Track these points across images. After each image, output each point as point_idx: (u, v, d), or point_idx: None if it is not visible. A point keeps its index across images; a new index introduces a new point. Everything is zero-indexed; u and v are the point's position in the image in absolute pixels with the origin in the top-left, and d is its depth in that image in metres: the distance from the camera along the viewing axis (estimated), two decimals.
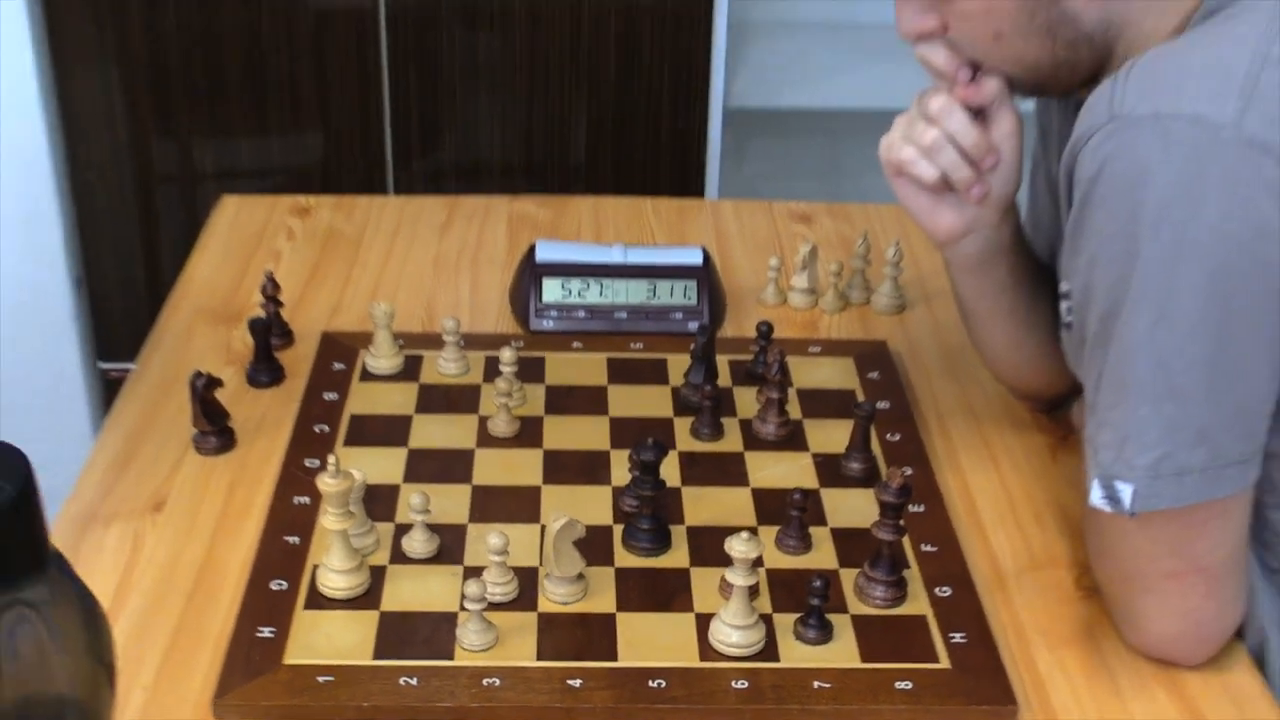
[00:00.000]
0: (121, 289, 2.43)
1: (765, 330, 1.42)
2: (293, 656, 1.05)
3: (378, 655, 1.06)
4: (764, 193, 1.92)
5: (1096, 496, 1.04)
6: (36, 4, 2.23)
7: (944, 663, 1.07)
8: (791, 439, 1.33)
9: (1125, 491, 1.02)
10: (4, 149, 2.32)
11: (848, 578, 1.15)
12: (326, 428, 1.32)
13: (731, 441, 1.32)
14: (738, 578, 1.06)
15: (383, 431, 1.31)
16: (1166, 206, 0.98)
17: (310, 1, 2.25)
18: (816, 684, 1.04)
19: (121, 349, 2.43)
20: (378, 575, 1.13)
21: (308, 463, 1.26)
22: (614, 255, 1.54)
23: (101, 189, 2.37)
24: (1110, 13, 1.10)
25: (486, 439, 1.31)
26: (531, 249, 1.55)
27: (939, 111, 1.18)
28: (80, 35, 2.26)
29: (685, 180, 2.40)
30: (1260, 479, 1.07)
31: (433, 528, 1.17)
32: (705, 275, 1.53)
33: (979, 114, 1.19)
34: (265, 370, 1.40)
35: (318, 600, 1.11)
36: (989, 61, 1.15)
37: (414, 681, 1.03)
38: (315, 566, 1.13)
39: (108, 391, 2.49)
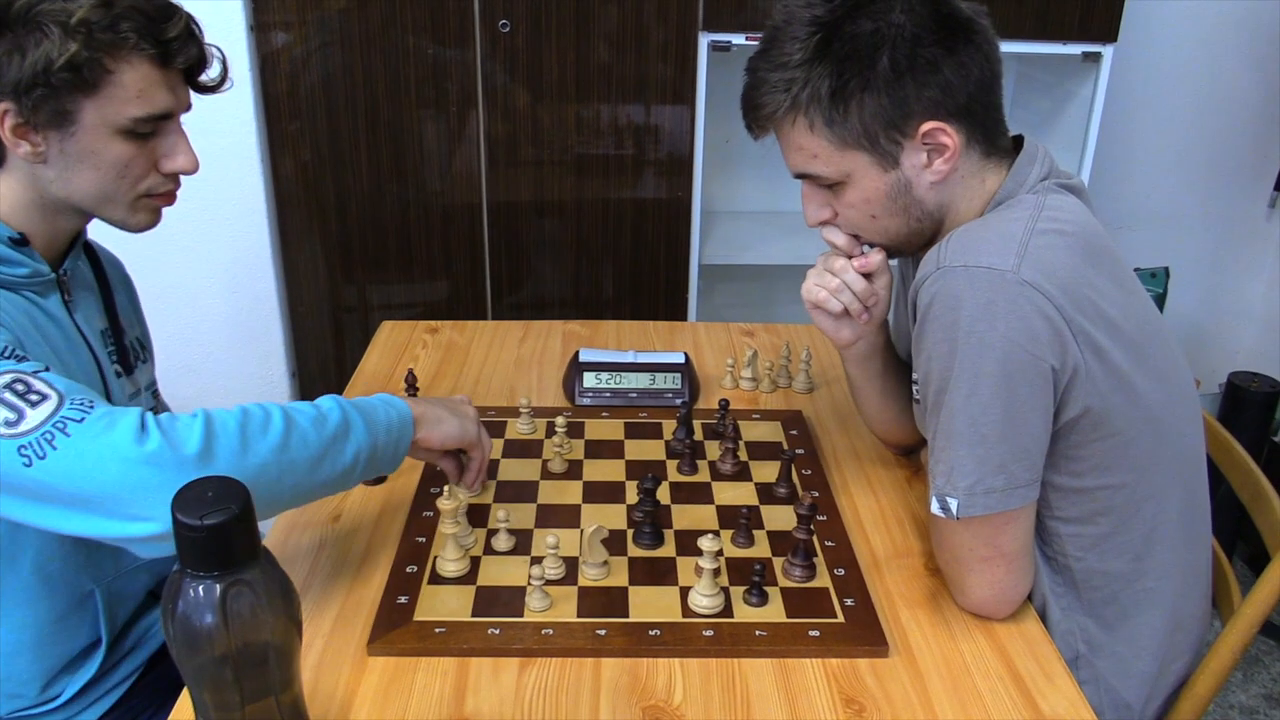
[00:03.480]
0: (321, 378, 2.43)
1: (724, 404, 1.40)
2: (420, 615, 1.03)
3: (474, 614, 1.04)
4: (724, 318, 1.92)
5: (935, 507, 1.03)
6: (272, 202, 2.26)
7: (841, 618, 1.05)
8: (741, 474, 1.30)
9: (953, 504, 1.01)
10: (248, 293, 2.33)
11: (778, 563, 1.12)
12: None
13: (703, 475, 1.30)
14: (706, 563, 1.04)
15: None
16: (973, 322, 0.97)
17: (439, 199, 2.27)
18: (758, 633, 1.02)
19: None
20: (475, 562, 1.11)
21: (432, 490, 1.24)
22: (628, 357, 1.53)
23: (310, 316, 2.38)
24: (941, 198, 1.09)
25: (547, 474, 1.29)
26: (577, 354, 1.54)
27: (840, 268, 1.17)
28: (297, 222, 2.28)
29: (674, 310, 2.39)
30: (1039, 497, 1.05)
31: (511, 531, 1.15)
32: (686, 370, 1.51)
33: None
34: None
35: (437, 578, 1.09)
36: (865, 234, 1.15)
37: (497, 632, 1.01)
38: (435, 557, 1.11)
39: None
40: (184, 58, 1.07)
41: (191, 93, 1.13)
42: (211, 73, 1.14)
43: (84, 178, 1.07)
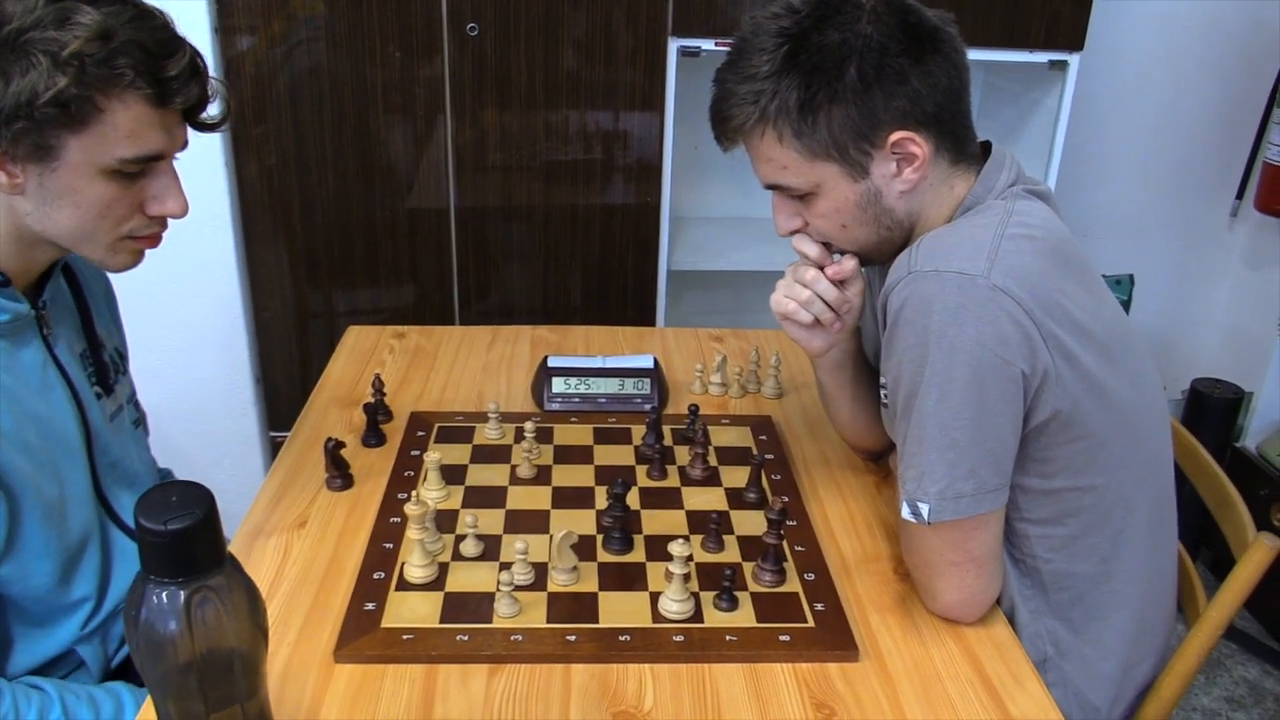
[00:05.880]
0: (285, 383, 2.41)
1: (694, 410, 1.40)
2: (387, 622, 1.02)
3: (442, 621, 1.03)
4: (692, 324, 1.93)
5: (906, 512, 1.03)
6: (236, 207, 2.23)
7: (811, 623, 1.05)
8: (710, 479, 1.30)
9: (923, 509, 1.01)
10: (213, 299, 2.31)
11: (748, 568, 1.13)
12: (412, 473, 1.29)
13: (672, 480, 1.30)
14: (676, 568, 1.04)
15: (449, 475, 1.28)
16: (944, 327, 0.98)
17: (407, 204, 2.25)
18: (728, 638, 1.02)
19: (285, 423, 2.39)
20: (443, 568, 1.11)
21: (399, 496, 1.24)
22: (597, 362, 1.53)
23: (274, 322, 2.36)
24: (911, 206, 1.10)
25: (515, 479, 1.29)
26: (545, 359, 1.54)
27: (811, 280, 1.17)
28: (262, 227, 2.26)
29: (643, 316, 2.39)
30: (1009, 500, 1.06)
31: (479, 537, 1.14)
32: (655, 375, 1.51)
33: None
34: (373, 437, 1.38)
35: (404, 585, 1.08)
36: (836, 243, 1.15)
37: (466, 638, 1.01)
38: (403, 563, 1.11)
39: (276, 451, 2.46)
40: (183, 98, 1.01)
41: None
42: (212, 110, 1.07)
43: (63, 215, 1.01)
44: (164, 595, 0.71)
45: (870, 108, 1.03)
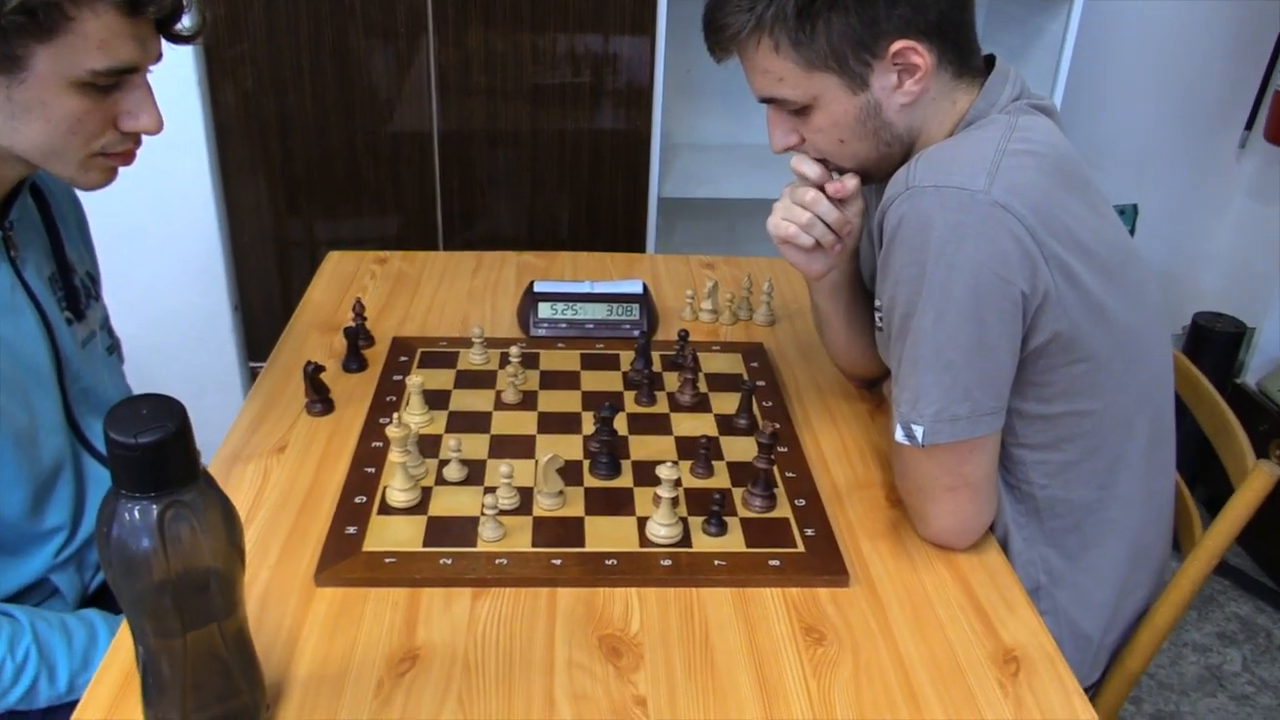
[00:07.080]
0: (265, 313, 2.39)
1: (683, 335, 1.39)
2: (369, 546, 1.02)
3: (425, 544, 1.03)
4: (684, 252, 1.90)
5: (899, 435, 1.03)
6: (211, 131, 2.20)
7: (801, 548, 1.05)
8: (700, 405, 1.30)
9: (918, 431, 1.01)
10: (188, 227, 2.28)
11: (737, 493, 1.12)
12: (394, 398, 1.28)
13: (661, 406, 1.29)
14: (664, 492, 1.03)
15: (432, 400, 1.27)
16: (943, 244, 0.97)
17: (388, 127, 2.22)
18: (717, 562, 1.02)
19: (264, 353, 2.37)
20: (426, 492, 1.10)
21: (381, 420, 1.23)
22: (585, 287, 1.51)
23: (252, 250, 2.33)
24: (912, 120, 1.08)
25: (500, 405, 1.28)
26: (531, 284, 1.52)
27: (811, 201, 1.15)
28: (239, 153, 2.23)
29: (632, 246, 2.37)
30: (1005, 425, 1.06)
31: (463, 462, 1.14)
32: (645, 300, 1.50)
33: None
34: (354, 361, 1.36)
35: (386, 509, 1.07)
36: (834, 159, 1.13)
37: (449, 562, 1.00)
38: (385, 487, 1.10)
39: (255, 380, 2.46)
40: (156, 7, 0.97)
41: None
42: (187, 21, 1.04)
43: (31, 129, 0.98)
44: (136, 511, 0.70)
45: (871, 16, 1.00)
